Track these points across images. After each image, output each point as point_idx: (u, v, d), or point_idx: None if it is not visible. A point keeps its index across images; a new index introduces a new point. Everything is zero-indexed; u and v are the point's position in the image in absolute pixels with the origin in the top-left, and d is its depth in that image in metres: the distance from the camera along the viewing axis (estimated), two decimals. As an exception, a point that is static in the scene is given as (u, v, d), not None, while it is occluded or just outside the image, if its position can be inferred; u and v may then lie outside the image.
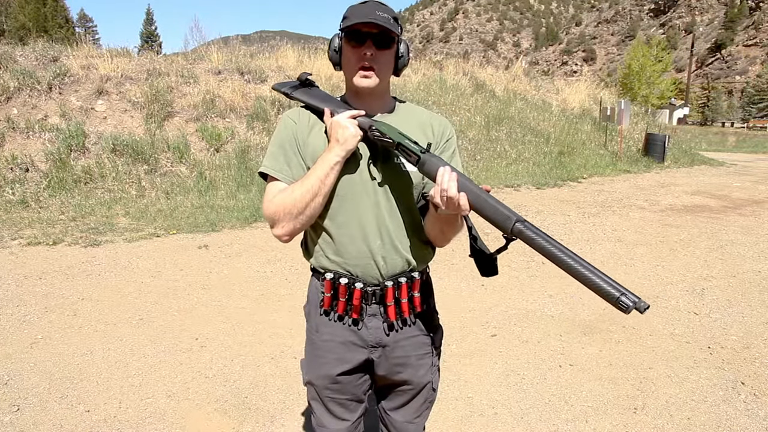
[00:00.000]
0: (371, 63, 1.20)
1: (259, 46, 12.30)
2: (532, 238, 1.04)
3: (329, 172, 1.18)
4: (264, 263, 4.81)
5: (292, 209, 1.20)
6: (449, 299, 3.93)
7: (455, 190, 1.07)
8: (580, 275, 1.00)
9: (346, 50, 1.23)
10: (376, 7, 1.20)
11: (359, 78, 1.22)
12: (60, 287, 4.10)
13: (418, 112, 1.37)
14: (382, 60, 1.22)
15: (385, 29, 1.18)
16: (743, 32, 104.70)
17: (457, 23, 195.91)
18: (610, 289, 0.97)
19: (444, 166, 1.11)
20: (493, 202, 1.09)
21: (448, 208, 1.10)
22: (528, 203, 7.90)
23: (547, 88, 16.30)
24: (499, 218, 1.08)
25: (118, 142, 7.59)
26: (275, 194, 1.24)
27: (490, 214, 1.09)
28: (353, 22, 1.17)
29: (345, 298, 1.28)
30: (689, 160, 14.34)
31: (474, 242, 1.22)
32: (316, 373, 1.36)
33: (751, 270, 4.84)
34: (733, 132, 37.05)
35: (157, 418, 2.44)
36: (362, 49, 1.20)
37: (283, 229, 1.23)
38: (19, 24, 35.40)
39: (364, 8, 1.20)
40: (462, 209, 1.09)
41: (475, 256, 1.25)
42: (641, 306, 0.95)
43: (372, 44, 1.19)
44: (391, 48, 1.22)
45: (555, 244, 1.04)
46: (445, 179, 1.08)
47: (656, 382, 2.82)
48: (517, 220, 1.06)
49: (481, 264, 1.25)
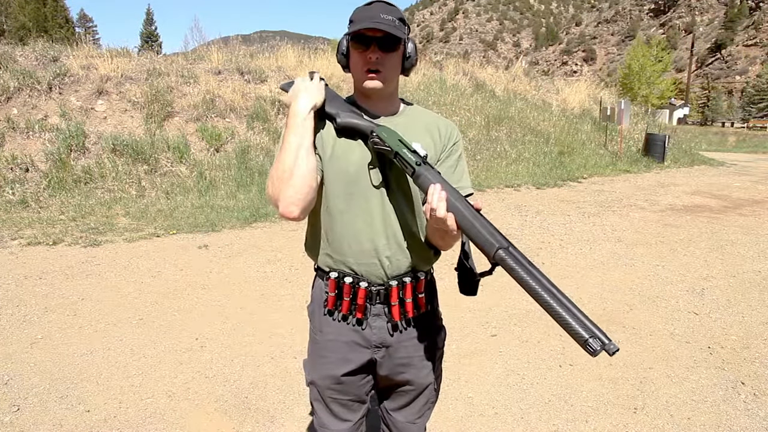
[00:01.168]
0: (377, 66, 1.20)
1: (259, 46, 12.30)
2: (512, 268, 1.02)
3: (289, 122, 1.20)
4: (264, 263, 4.81)
5: (281, 174, 1.18)
6: (449, 299, 3.92)
7: (443, 210, 1.06)
8: (553, 313, 0.98)
9: (353, 54, 1.24)
10: (381, 9, 1.20)
11: (367, 81, 1.23)
12: (60, 287, 4.10)
13: (425, 115, 1.37)
14: (388, 63, 1.21)
15: (389, 34, 1.18)
16: (743, 32, 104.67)
17: (457, 23, 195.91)
18: (581, 330, 0.95)
19: (435, 183, 1.10)
20: (479, 225, 1.07)
21: (437, 225, 1.10)
22: (528, 203, 7.90)
23: (547, 88, 16.29)
24: (482, 243, 1.06)
25: (118, 142, 7.59)
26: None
27: (473, 238, 1.07)
28: (358, 27, 1.17)
29: (349, 297, 1.28)
30: (689, 160, 14.34)
31: (465, 259, 1.19)
32: (320, 374, 1.36)
33: (751, 270, 4.84)
34: (733, 132, 37.04)
35: (157, 418, 2.44)
36: (367, 53, 1.20)
37: (284, 201, 1.18)
38: (19, 24, 35.41)
39: (369, 11, 1.20)
40: (450, 229, 1.08)
41: (460, 271, 1.22)
42: (610, 348, 0.94)
43: (377, 48, 1.19)
44: (396, 50, 1.22)
45: (536, 276, 1.02)
46: (435, 199, 1.07)
47: (656, 382, 2.82)
48: (499, 248, 1.04)
49: (463, 281, 1.22)
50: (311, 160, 1.19)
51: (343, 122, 1.24)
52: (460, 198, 1.11)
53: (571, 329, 0.96)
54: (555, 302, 0.99)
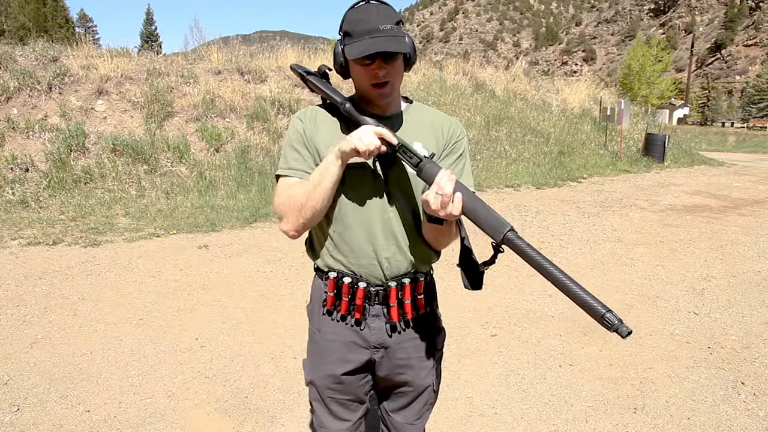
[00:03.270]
0: (385, 78, 1.17)
1: (259, 46, 12.30)
2: (522, 248, 1.03)
3: (329, 165, 1.16)
4: (264, 263, 4.81)
5: (296, 203, 1.20)
6: (449, 299, 3.92)
7: (451, 189, 1.05)
8: (568, 289, 0.99)
9: (355, 67, 1.19)
10: (377, 16, 1.13)
11: (376, 96, 1.20)
12: (60, 287, 4.10)
13: (428, 113, 1.35)
14: (393, 72, 1.18)
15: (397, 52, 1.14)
16: (743, 32, 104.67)
17: (457, 23, 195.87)
18: (597, 306, 0.96)
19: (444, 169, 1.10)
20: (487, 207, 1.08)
21: (441, 208, 1.06)
22: (528, 203, 7.89)
23: (547, 88, 16.29)
24: (493, 223, 1.06)
25: (118, 142, 7.59)
26: (285, 189, 1.25)
27: (483, 218, 1.07)
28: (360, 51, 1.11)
29: (348, 297, 1.28)
30: (689, 160, 14.34)
31: (468, 254, 1.20)
32: (319, 373, 1.36)
33: (751, 270, 4.84)
34: (733, 132, 37.04)
35: (157, 418, 2.44)
36: (372, 69, 1.16)
37: (289, 224, 1.23)
38: (19, 24, 35.42)
39: (366, 22, 1.13)
40: (454, 209, 1.06)
41: (463, 266, 1.22)
42: (623, 330, 0.94)
43: (382, 61, 1.15)
44: (400, 56, 1.19)
45: (545, 257, 1.03)
46: (443, 179, 1.06)
47: (656, 382, 2.82)
48: (510, 229, 1.05)
49: (468, 276, 1.23)
50: (325, 200, 1.19)
51: (348, 110, 1.23)
52: (465, 186, 1.11)
53: (588, 304, 0.97)
54: (568, 279, 0.99)
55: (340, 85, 9.73)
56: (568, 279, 1.00)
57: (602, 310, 0.96)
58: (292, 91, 9.86)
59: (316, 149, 1.26)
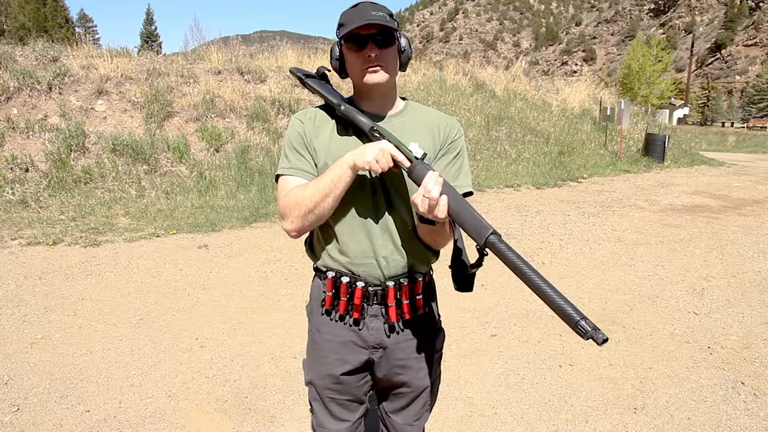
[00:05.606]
0: (377, 62, 1.20)
1: (259, 46, 12.31)
2: (503, 251, 1.03)
3: (342, 175, 1.16)
4: (264, 263, 4.81)
5: (302, 206, 1.20)
6: (449, 299, 3.92)
7: (437, 192, 1.05)
8: (545, 295, 0.98)
9: (349, 56, 1.23)
10: (370, 8, 1.19)
11: (368, 75, 1.21)
12: (60, 287, 4.10)
13: (425, 112, 1.36)
14: (386, 57, 1.21)
15: (384, 27, 1.17)
16: (743, 32, 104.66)
17: (457, 23, 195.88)
18: (572, 312, 0.95)
19: (433, 171, 1.10)
20: (472, 210, 1.08)
21: (428, 212, 1.07)
22: (528, 203, 7.89)
23: (547, 88, 16.29)
24: (476, 226, 1.06)
25: (118, 142, 7.58)
26: (290, 189, 1.25)
27: (467, 222, 1.08)
28: (351, 27, 1.17)
29: (346, 297, 1.28)
30: (689, 160, 14.34)
31: (459, 255, 1.20)
32: (318, 373, 1.36)
33: (751, 270, 4.84)
34: (733, 132, 37.01)
35: (157, 418, 2.44)
36: (365, 52, 1.19)
37: (293, 224, 1.23)
38: (19, 24, 35.39)
39: (358, 12, 1.19)
40: (439, 212, 1.06)
41: (454, 268, 1.22)
42: (598, 337, 0.93)
43: (374, 45, 1.18)
44: (393, 45, 1.22)
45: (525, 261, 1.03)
46: (430, 182, 1.07)
47: (656, 382, 2.82)
48: (492, 232, 1.05)
49: (458, 278, 1.23)
50: (332, 206, 1.20)
51: (344, 112, 1.24)
52: (453, 188, 1.12)
53: (563, 311, 0.96)
54: (546, 285, 0.99)
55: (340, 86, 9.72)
56: (546, 285, 0.99)
57: (577, 317, 0.95)
58: (292, 91, 9.86)
59: (314, 150, 1.27)
